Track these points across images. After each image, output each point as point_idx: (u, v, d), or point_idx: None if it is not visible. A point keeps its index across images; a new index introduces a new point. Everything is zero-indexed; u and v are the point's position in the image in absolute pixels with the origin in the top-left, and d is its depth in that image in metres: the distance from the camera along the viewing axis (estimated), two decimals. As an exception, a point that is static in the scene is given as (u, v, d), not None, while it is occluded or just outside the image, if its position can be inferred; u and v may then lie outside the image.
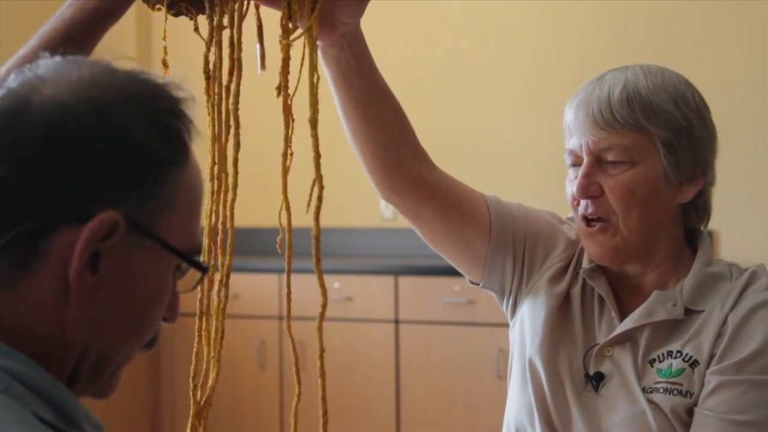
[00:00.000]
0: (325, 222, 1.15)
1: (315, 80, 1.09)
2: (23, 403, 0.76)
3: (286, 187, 1.11)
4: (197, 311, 1.14)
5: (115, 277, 0.81)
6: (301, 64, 1.13)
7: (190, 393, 1.14)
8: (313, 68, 1.10)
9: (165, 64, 1.24)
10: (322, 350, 1.07)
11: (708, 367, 1.35)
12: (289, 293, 1.13)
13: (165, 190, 0.82)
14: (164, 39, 1.23)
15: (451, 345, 3.99)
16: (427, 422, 4.02)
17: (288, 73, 1.12)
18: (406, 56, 4.37)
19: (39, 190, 0.78)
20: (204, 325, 1.13)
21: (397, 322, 4.08)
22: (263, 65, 1.18)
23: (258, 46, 1.16)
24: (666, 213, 1.41)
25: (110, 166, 0.80)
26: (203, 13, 1.16)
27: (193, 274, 0.88)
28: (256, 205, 3.66)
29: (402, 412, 4.05)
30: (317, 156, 1.10)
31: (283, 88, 1.12)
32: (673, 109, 1.37)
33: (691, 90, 1.41)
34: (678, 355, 1.37)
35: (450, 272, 3.95)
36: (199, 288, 1.11)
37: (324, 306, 1.06)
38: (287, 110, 1.12)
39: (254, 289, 4.22)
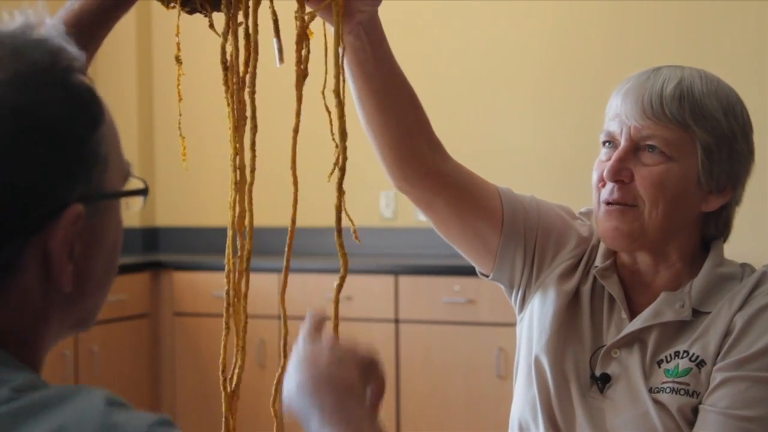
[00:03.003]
0: (325, 221, 1.15)
1: (341, 51, 1.10)
2: None
3: (294, 163, 1.11)
4: (224, 303, 1.14)
5: (87, 251, 0.82)
6: (326, 47, 1.13)
7: (221, 386, 1.15)
8: (339, 38, 1.11)
9: (178, 60, 1.24)
10: (337, 322, 1.09)
11: (714, 366, 1.34)
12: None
13: (100, 153, 0.81)
14: (177, 35, 1.23)
15: (451, 345, 3.99)
16: (427, 422, 4.02)
17: (302, 48, 1.13)
18: (416, 53, 4.36)
19: None
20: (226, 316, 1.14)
21: (397, 321, 4.08)
22: (281, 59, 1.18)
23: (275, 40, 1.16)
24: (688, 216, 1.41)
25: (51, 165, 0.78)
26: (218, 9, 1.16)
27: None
28: (255, 205, 3.66)
29: (402, 412, 4.05)
30: (342, 127, 1.11)
31: (296, 62, 1.12)
32: (722, 118, 1.36)
33: (741, 106, 1.41)
34: (685, 355, 1.37)
35: (450, 272, 4.00)
36: (225, 280, 1.14)
37: (343, 278, 1.08)
38: (300, 85, 1.12)
39: (254, 288, 4.20)
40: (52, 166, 0.77)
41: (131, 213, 0.87)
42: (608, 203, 1.39)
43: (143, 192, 0.86)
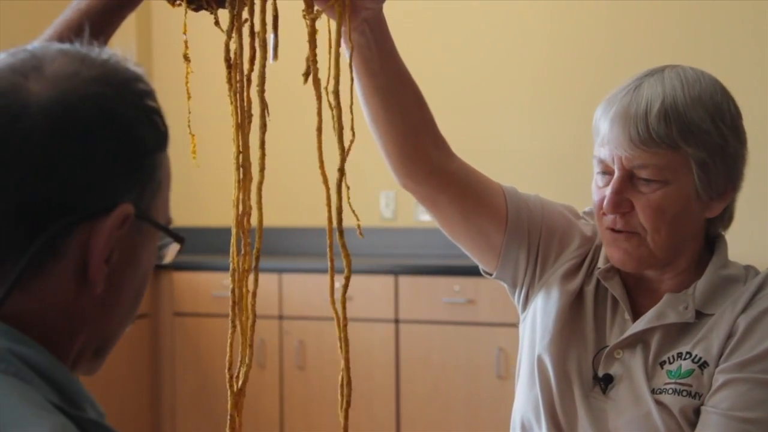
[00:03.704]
0: (325, 221, 1.15)
1: (349, 50, 1.11)
2: (33, 387, 0.77)
3: (322, 163, 1.11)
4: (230, 301, 1.14)
5: (123, 264, 0.84)
6: (330, 44, 1.13)
7: (227, 384, 1.15)
8: (339, 38, 1.12)
9: (187, 58, 1.24)
10: (345, 322, 1.11)
11: (716, 367, 1.34)
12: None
13: (157, 175, 0.85)
14: (185, 33, 1.23)
15: (451, 345, 3.99)
16: (427, 422, 4.02)
17: (315, 47, 1.13)
18: (416, 52, 4.36)
19: (54, 194, 0.78)
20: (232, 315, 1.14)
21: (397, 321, 4.07)
22: (275, 55, 1.18)
23: (272, 36, 1.16)
24: (694, 228, 1.40)
25: (116, 160, 0.81)
26: (223, 6, 1.16)
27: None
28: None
29: (402, 412, 4.05)
30: (340, 128, 1.11)
31: (312, 62, 1.13)
32: (710, 127, 1.34)
33: (726, 100, 1.38)
34: (687, 356, 1.37)
35: (450, 272, 4.00)
36: (230, 279, 1.14)
37: (347, 278, 1.09)
38: (317, 84, 1.13)
39: (254, 288, 4.21)
40: (116, 161, 0.81)
41: (161, 261, 0.90)
42: (613, 230, 1.39)
43: (181, 240, 0.89)
